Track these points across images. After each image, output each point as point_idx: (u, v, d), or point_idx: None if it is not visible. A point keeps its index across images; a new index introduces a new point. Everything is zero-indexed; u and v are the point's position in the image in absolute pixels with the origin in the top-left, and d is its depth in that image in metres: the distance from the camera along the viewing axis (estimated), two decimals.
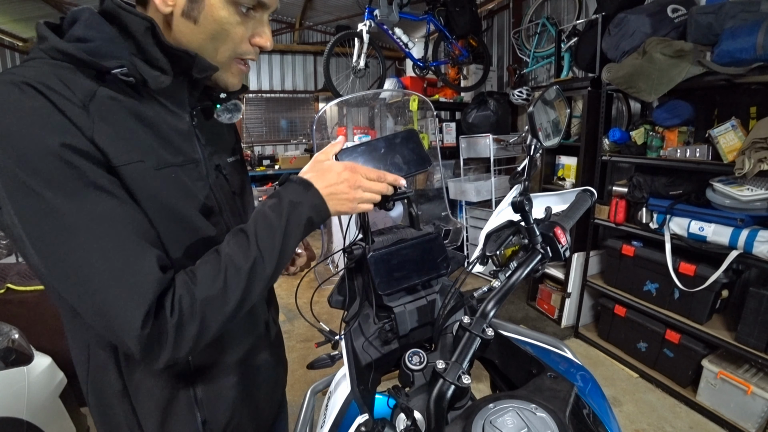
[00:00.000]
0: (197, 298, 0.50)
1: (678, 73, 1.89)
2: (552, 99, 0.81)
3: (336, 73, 3.27)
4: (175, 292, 0.50)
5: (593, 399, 0.68)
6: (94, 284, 0.46)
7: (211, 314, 0.52)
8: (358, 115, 4.49)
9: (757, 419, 1.80)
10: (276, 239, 0.57)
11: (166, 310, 0.48)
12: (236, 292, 0.53)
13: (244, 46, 0.60)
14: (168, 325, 0.48)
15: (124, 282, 0.47)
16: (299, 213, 0.60)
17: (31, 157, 0.44)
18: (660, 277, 2.20)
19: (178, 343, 0.49)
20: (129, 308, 0.46)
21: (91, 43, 0.51)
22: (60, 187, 0.45)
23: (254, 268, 0.55)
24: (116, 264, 0.47)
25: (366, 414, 0.58)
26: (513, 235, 0.73)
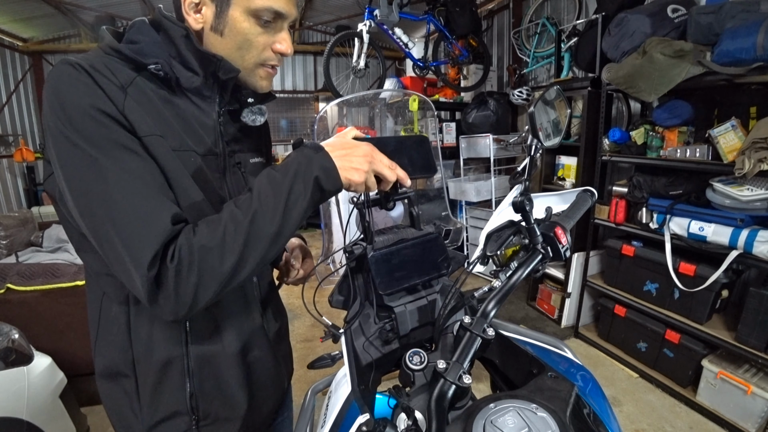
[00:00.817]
0: (195, 246, 0.53)
1: (678, 73, 1.90)
2: (552, 99, 0.81)
3: (336, 73, 3.27)
4: (178, 241, 0.54)
5: (593, 399, 0.68)
6: (116, 225, 0.52)
7: (209, 265, 0.54)
8: (358, 115, 4.50)
9: (757, 419, 1.80)
10: (280, 195, 0.58)
11: (167, 256, 0.53)
12: (234, 245, 0.55)
13: (266, 53, 0.67)
14: (168, 271, 0.52)
15: (141, 225, 0.52)
16: (307, 171, 0.59)
17: (71, 114, 0.53)
18: (660, 277, 2.20)
19: (178, 290, 0.53)
20: (141, 249, 0.52)
21: (138, 44, 0.63)
22: (91, 140, 0.53)
23: (254, 222, 0.56)
24: (135, 209, 0.53)
25: (367, 414, 0.58)
26: (513, 235, 0.73)
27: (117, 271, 0.55)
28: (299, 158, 0.61)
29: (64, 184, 0.55)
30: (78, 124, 0.53)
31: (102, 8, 4.36)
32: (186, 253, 0.53)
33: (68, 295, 1.97)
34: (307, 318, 3.09)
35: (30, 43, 4.83)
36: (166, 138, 0.61)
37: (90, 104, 0.54)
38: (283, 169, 0.60)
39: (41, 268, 2.11)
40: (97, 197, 0.53)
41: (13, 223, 3.09)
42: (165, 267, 0.52)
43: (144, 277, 0.51)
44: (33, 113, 5.04)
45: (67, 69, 0.56)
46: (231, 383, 0.73)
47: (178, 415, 0.70)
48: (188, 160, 0.64)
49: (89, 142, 0.53)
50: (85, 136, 0.53)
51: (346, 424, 0.62)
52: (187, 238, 0.54)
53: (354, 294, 0.82)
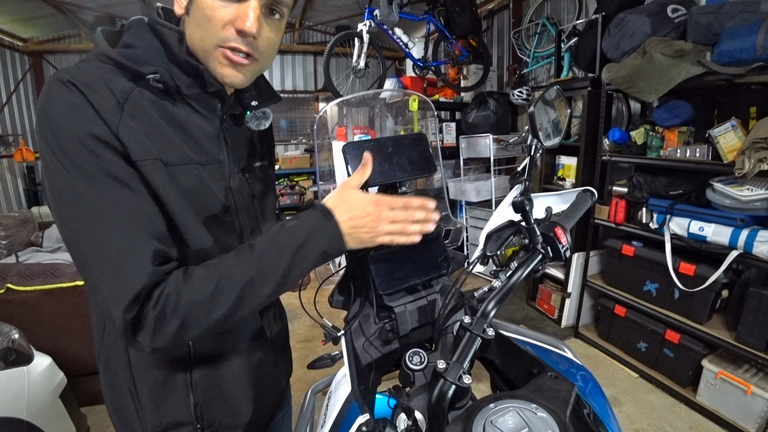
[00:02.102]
0: (182, 299, 0.52)
1: (678, 73, 1.89)
2: (552, 99, 0.81)
3: (336, 73, 3.27)
4: (165, 287, 0.52)
5: (593, 399, 0.68)
6: (97, 260, 0.51)
7: (194, 318, 0.53)
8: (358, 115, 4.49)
9: (757, 419, 1.80)
10: (282, 262, 0.58)
11: (151, 301, 0.52)
12: (225, 303, 0.54)
13: (226, 32, 0.56)
14: (148, 316, 0.51)
15: (121, 266, 0.51)
16: (314, 242, 0.60)
17: (62, 141, 0.51)
18: (660, 277, 2.20)
19: (156, 334, 0.52)
20: (120, 291, 0.51)
21: (134, 50, 0.59)
22: (80, 168, 0.51)
23: (250, 284, 0.56)
24: (118, 247, 0.51)
25: (367, 414, 0.58)
26: (513, 235, 0.73)
27: (96, 299, 0.55)
28: (309, 224, 0.60)
29: (52, 207, 0.55)
30: (68, 151, 0.51)
31: (102, 8, 4.36)
32: (172, 302, 0.52)
33: (68, 295, 1.97)
34: (307, 318, 3.09)
35: (30, 43, 4.83)
36: (165, 156, 0.57)
37: (82, 130, 0.51)
38: (291, 233, 0.59)
39: (41, 268, 2.10)
40: (81, 228, 0.52)
41: (13, 223, 3.09)
42: (145, 311, 0.51)
43: (120, 319, 0.51)
44: (33, 113, 5.04)
45: (59, 88, 0.52)
46: (234, 389, 0.73)
47: (182, 426, 0.69)
48: (190, 173, 0.61)
49: (78, 171, 0.51)
50: (75, 165, 0.51)
51: (346, 424, 0.62)
52: (176, 288, 0.53)
53: (354, 294, 0.82)
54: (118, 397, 0.70)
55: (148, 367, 0.66)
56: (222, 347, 0.71)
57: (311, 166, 5.85)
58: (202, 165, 0.63)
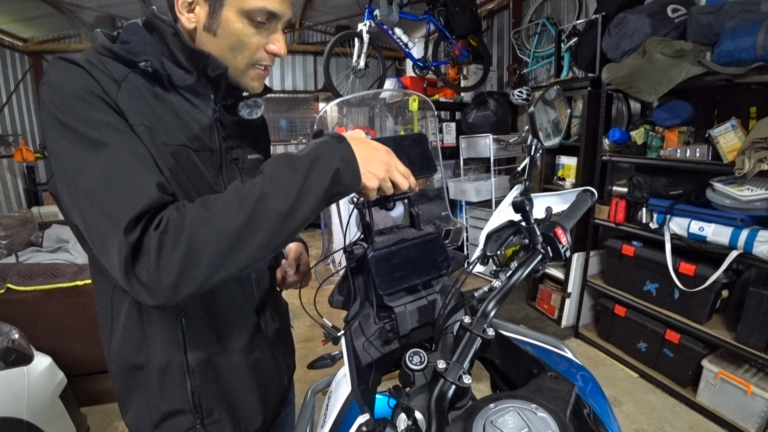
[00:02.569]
0: (187, 216, 0.49)
1: (678, 73, 1.89)
2: (552, 99, 0.81)
3: (336, 73, 3.27)
4: (166, 211, 0.51)
5: (594, 399, 0.68)
6: (97, 192, 0.50)
7: (201, 238, 0.48)
8: (358, 115, 4.50)
9: (757, 419, 1.80)
10: (296, 178, 0.53)
11: (152, 223, 0.49)
12: (235, 221, 0.49)
13: (259, 54, 0.66)
14: (150, 238, 0.47)
15: (123, 190, 0.51)
16: (329, 159, 0.55)
17: (63, 97, 0.54)
18: (660, 277, 2.20)
19: (160, 263, 0.46)
20: (119, 211, 0.49)
21: (129, 44, 0.63)
22: (83, 119, 0.53)
23: (262, 200, 0.51)
24: (119, 176, 0.52)
25: (367, 414, 0.58)
26: (513, 235, 0.73)
27: (98, 249, 0.51)
28: (321, 145, 0.56)
29: (55, 166, 0.55)
30: (70, 105, 0.54)
31: (102, 8, 4.36)
32: (175, 221, 0.48)
33: (68, 295, 1.97)
34: (307, 318, 3.08)
35: (30, 43, 4.83)
36: (156, 131, 0.61)
37: (83, 87, 0.55)
38: (302, 153, 0.56)
39: (41, 268, 2.11)
40: (84, 171, 0.51)
41: (13, 223, 3.09)
42: (147, 234, 0.48)
43: (121, 243, 0.46)
44: (33, 113, 5.04)
45: (61, 63, 0.57)
46: (231, 381, 0.74)
47: (181, 413, 0.71)
48: (180, 154, 0.64)
49: (80, 120, 0.53)
50: (77, 116, 0.53)
51: (346, 424, 0.62)
52: (177, 208, 0.51)
53: (354, 294, 0.82)
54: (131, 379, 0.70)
55: (154, 345, 0.68)
56: (218, 337, 0.72)
57: None
58: (195, 151, 0.66)
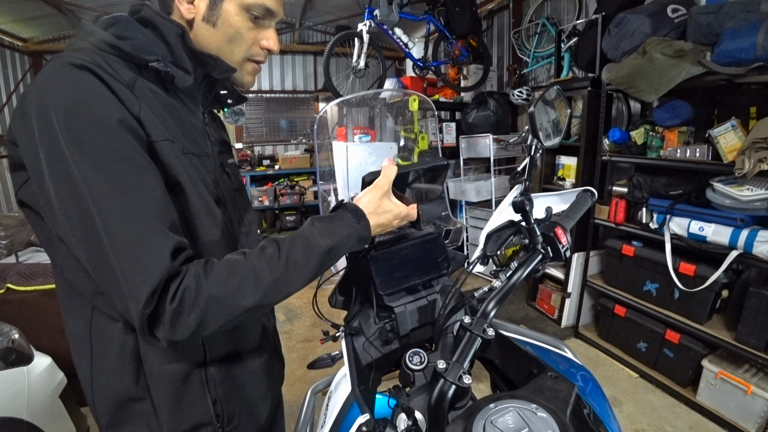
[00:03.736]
0: (203, 293, 0.51)
1: (678, 73, 1.89)
2: (552, 99, 0.81)
3: (336, 73, 3.27)
4: (183, 281, 0.51)
5: (593, 399, 0.68)
6: (115, 253, 0.49)
7: (215, 312, 0.52)
8: (358, 115, 4.50)
9: (757, 419, 1.80)
10: (311, 263, 0.59)
11: (168, 294, 0.50)
12: (248, 301, 0.54)
13: (254, 49, 0.68)
14: (166, 312, 0.50)
15: (139, 258, 0.50)
16: (345, 245, 0.63)
17: (82, 125, 0.49)
18: (660, 277, 2.20)
19: (174, 328, 0.50)
20: (138, 285, 0.49)
21: (134, 41, 0.60)
22: (94, 155, 0.49)
23: (276, 284, 0.56)
24: (135, 238, 0.50)
25: (367, 414, 0.58)
26: (514, 235, 0.73)
27: (113, 297, 0.52)
28: (342, 229, 0.63)
29: (55, 201, 0.51)
30: (90, 136, 0.49)
31: (102, 8, 4.36)
32: (191, 296, 0.51)
33: None
34: (307, 318, 3.09)
35: (30, 43, 4.82)
36: (176, 142, 0.60)
37: (104, 113, 0.51)
38: (322, 234, 0.61)
39: (41, 268, 2.10)
40: (95, 220, 0.49)
41: (13, 223, 3.08)
42: (163, 306, 0.50)
43: (139, 314, 0.49)
44: None
45: (71, 71, 0.51)
46: (249, 384, 0.73)
47: (202, 427, 0.68)
48: (191, 162, 0.63)
49: (100, 156, 0.50)
50: (96, 150, 0.50)
51: (346, 424, 0.62)
52: (196, 282, 0.52)
53: (354, 294, 0.82)
54: (126, 413, 0.65)
55: (161, 367, 0.63)
56: (235, 340, 0.71)
57: (311, 166, 5.84)
58: (197, 157, 0.66)
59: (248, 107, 6.09)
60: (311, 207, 5.87)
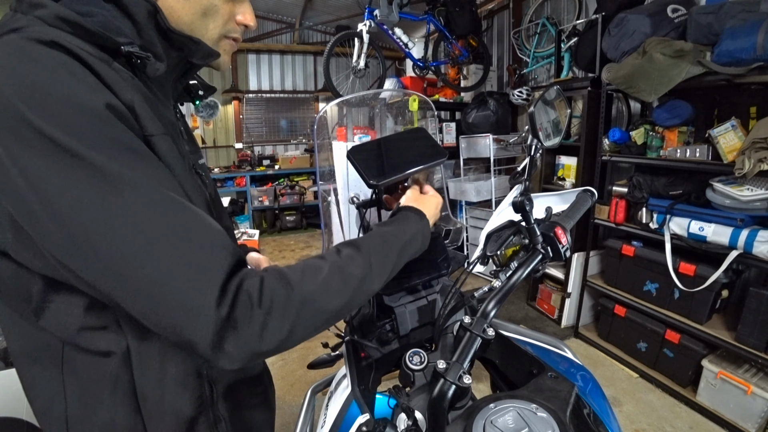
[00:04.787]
0: (296, 295, 0.45)
1: (678, 73, 1.89)
2: (552, 99, 0.81)
3: (336, 73, 3.27)
4: (264, 282, 0.44)
5: (593, 399, 0.68)
6: (161, 260, 0.39)
7: (306, 317, 0.46)
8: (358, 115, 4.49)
9: (757, 419, 1.80)
10: (390, 260, 0.59)
11: (241, 292, 0.42)
12: (339, 300, 0.50)
13: (231, 24, 0.60)
14: (253, 316, 0.42)
15: (197, 254, 0.41)
16: (415, 241, 0.65)
17: (68, 114, 0.38)
18: (660, 277, 2.20)
19: (263, 336, 0.42)
20: (204, 284, 0.40)
21: (95, 17, 0.46)
22: (95, 143, 0.39)
23: (363, 282, 0.54)
24: (182, 236, 0.41)
25: (367, 414, 0.58)
26: (513, 235, 0.73)
27: (160, 322, 0.41)
28: (410, 227, 0.65)
29: (49, 218, 0.38)
30: (80, 126, 0.39)
31: None
32: (283, 301, 0.44)
33: None
34: None
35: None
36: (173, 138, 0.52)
37: (94, 99, 0.40)
38: (395, 233, 0.62)
39: None
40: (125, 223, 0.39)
41: None
42: (243, 309, 0.41)
43: (210, 318, 0.39)
44: None
45: (38, 50, 0.39)
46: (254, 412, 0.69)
47: None
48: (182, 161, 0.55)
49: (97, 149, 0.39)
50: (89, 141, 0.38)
51: (346, 424, 0.62)
52: (282, 283, 0.45)
53: None
54: None
55: (161, 415, 0.54)
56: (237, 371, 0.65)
57: (311, 166, 5.85)
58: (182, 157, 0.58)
59: (248, 107, 6.10)
60: (311, 207, 5.87)
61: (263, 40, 5.87)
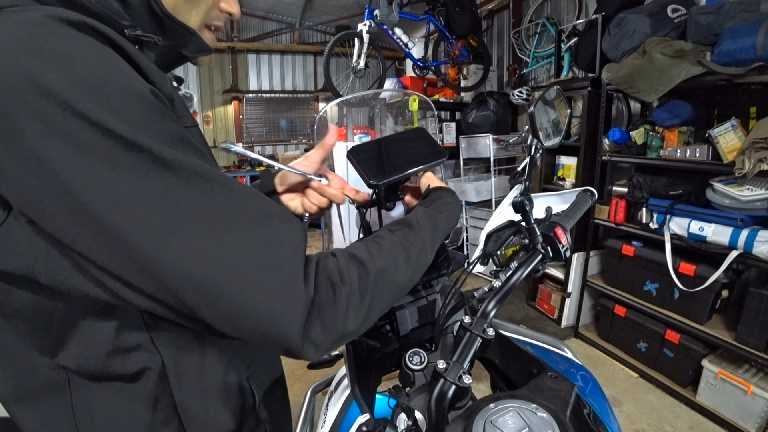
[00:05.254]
0: (370, 269, 0.46)
1: (678, 73, 1.89)
2: (552, 99, 0.81)
3: (336, 73, 3.27)
4: (339, 260, 0.44)
5: (594, 399, 0.68)
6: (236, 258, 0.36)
7: (382, 292, 0.47)
8: (358, 115, 4.49)
9: (757, 419, 1.80)
10: (437, 233, 0.61)
11: (319, 269, 0.42)
12: (404, 275, 0.51)
13: (214, 12, 0.57)
14: (339, 294, 0.41)
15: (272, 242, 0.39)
16: (453, 215, 0.67)
17: (119, 101, 0.34)
18: (660, 277, 2.20)
19: (348, 321, 0.42)
20: (286, 271, 0.38)
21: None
22: (149, 130, 0.35)
23: (422, 254, 0.56)
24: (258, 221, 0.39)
25: (367, 414, 0.58)
26: (513, 235, 0.73)
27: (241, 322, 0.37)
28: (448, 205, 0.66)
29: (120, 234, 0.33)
30: (131, 111, 0.35)
31: None
32: (361, 277, 0.44)
33: None
34: None
35: None
36: None
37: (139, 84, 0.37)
38: (437, 210, 0.64)
39: None
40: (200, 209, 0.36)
41: None
42: (326, 287, 0.41)
43: (302, 304, 0.38)
44: None
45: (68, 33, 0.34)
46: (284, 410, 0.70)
47: None
48: None
49: (152, 135, 0.35)
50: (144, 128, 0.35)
51: (346, 424, 0.62)
52: (354, 261, 0.45)
53: None
54: None
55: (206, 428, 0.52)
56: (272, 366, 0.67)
57: None
58: None
59: (248, 107, 6.10)
60: None
61: (263, 40, 5.88)
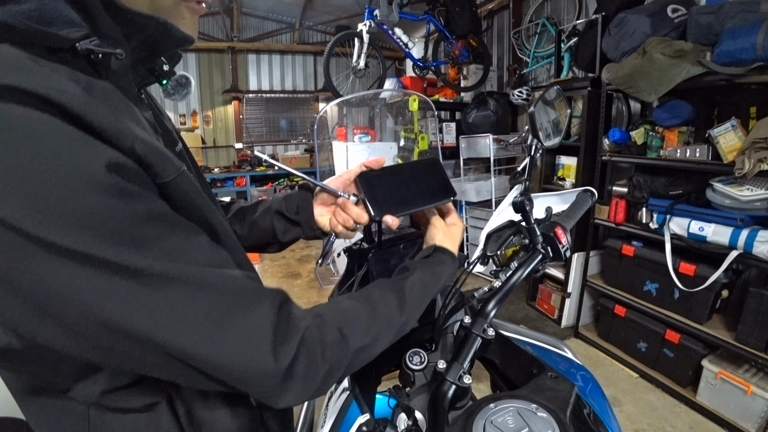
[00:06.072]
0: (350, 347, 0.48)
1: (678, 73, 1.89)
2: (552, 99, 0.81)
3: (336, 73, 3.27)
4: (323, 334, 0.45)
5: (594, 399, 0.68)
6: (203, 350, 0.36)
7: (359, 362, 0.50)
8: (358, 115, 4.50)
9: (757, 419, 1.80)
10: (423, 304, 0.61)
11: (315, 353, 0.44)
12: (384, 342, 0.54)
13: None
14: (318, 369, 0.44)
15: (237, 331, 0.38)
16: (447, 282, 0.65)
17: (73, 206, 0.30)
18: (660, 277, 2.20)
19: (324, 385, 0.46)
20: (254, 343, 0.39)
21: (22, 5, 0.32)
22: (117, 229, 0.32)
23: (402, 327, 0.57)
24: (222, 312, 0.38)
25: (367, 414, 0.58)
26: (514, 235, 0.73)
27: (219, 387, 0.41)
28: (444, 271, 0.64)
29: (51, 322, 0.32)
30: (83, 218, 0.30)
31: None
32: (340, 353, 0.47)
33: None
34: None
35: None
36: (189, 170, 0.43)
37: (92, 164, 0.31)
38: (430, 278, 0.62)
39: None
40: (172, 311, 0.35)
41: None
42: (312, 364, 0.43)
43: (274, 379, 0.40)
44: None
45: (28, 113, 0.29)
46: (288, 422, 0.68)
47: None
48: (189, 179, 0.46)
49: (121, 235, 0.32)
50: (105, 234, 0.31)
51: (346, 424, 0.62)
52: (338, 336, 0.47)
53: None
54: None
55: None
56: None
57: (311, 166, 5.85)
58: None
59: (248, 107, 6.10)
60: None
61: (263, 40, 5.88)
